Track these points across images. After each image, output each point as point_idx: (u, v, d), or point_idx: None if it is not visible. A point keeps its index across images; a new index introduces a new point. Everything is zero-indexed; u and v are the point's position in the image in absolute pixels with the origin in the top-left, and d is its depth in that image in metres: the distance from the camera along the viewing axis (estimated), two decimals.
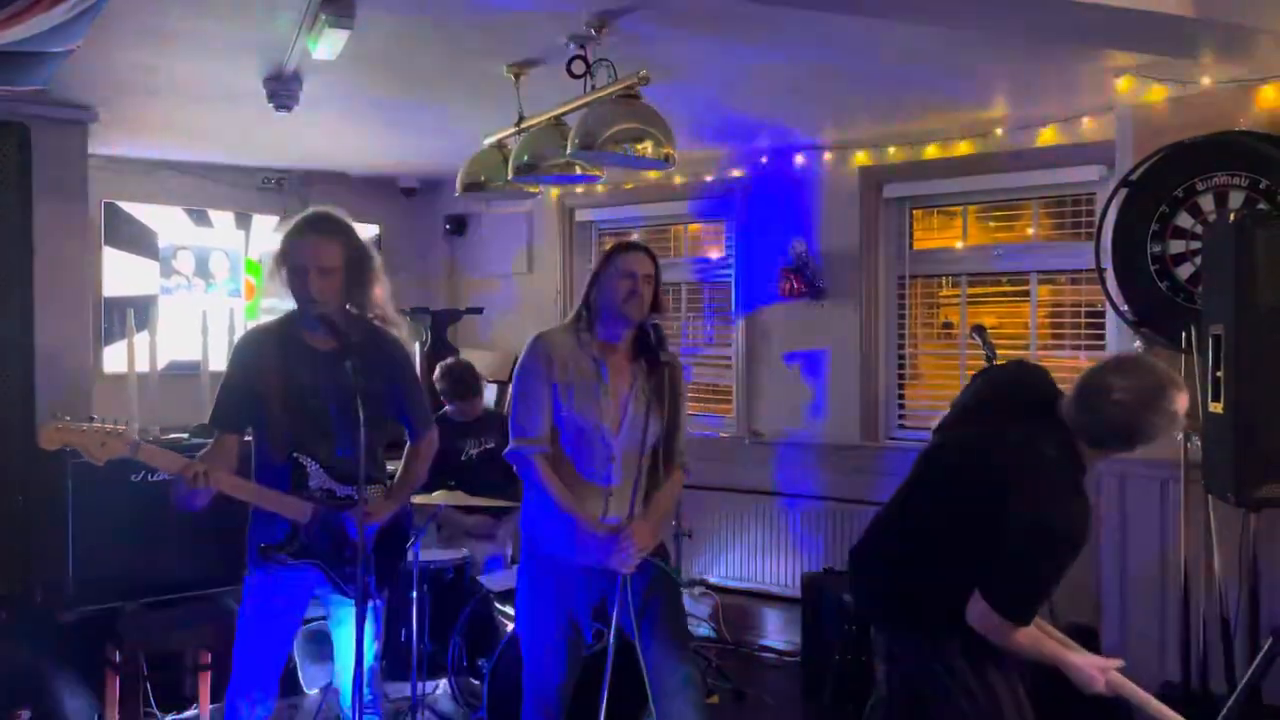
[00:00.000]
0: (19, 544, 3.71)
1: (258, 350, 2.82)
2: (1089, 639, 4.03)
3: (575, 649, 2.96)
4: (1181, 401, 2.37)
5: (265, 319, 2.98)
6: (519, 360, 2.94)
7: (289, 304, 2.84)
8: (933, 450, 2.66)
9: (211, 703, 4.19)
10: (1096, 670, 2.45)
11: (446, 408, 4.64)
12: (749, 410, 5.61)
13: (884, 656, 2.73)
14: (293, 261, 2.76)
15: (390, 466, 3.10)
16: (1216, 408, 3.10)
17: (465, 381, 4.63)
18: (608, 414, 2.86)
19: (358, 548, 2.68)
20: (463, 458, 4.51)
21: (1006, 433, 2.45)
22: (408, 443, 3.06)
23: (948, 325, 5.25)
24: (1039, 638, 2.47)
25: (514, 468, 2.92)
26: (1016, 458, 2.39)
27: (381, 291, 2.92)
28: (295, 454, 2.77)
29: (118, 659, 3.94)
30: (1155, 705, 2.46)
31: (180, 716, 4.23)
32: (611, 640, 2.79)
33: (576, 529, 2.82)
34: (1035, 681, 2.77)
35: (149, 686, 4.06)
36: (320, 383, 2.78)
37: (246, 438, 2.87)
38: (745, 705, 4.55)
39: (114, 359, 5.35)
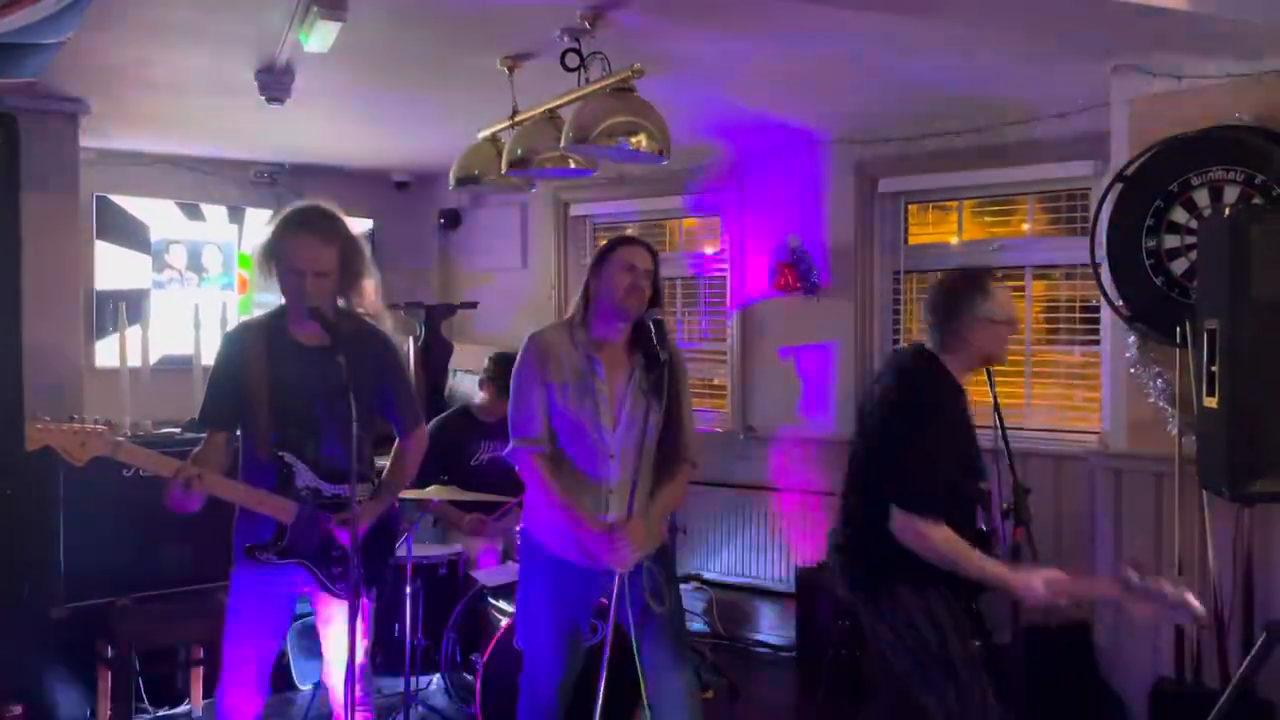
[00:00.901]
0: (9, 539, 3.70)
1: (243, 347, 2.80)
2: (1083, 633, 4.04)
3: (573, 648, 2.95)
4: (991, 281, 2.83)
5: (255, 313, 2.96)
6: (516, 361, 2.92)
7: (279, 297, 2.82)
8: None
9: (204, 698, 4.19)
10: (1035, 580, 2.52)
11: (475, 398, 4.55)
12: (744, 405, 5.61)
13: (870, 637, 2.85)
14: (289, 263, 2.73)
15: (380, 462, 3.08)
16: (1211, 402, 3.10)
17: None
18: (604, 411, 2.85)
19: (346, 547, 2.66)
20: (473, 461, 4.43)
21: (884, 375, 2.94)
22: (396, 440, 3.05)
23: None
24: (964, 547, 2.59)
25: (514, 468, 2.91)
26: (888, 381, 2.87)
27: (371, 286, 2.90)
28: (281, 452, 2.75)
29: (110, 654, 3.93)
30: (1100, 588, 2.60)
31: (172, 711, 4.22)
32: (608, 640, 2.77)
33: (574, 528, 2.81)
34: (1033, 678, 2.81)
35: (141, 681, 4.05)
36: (307, 380, 2.76)
37: (239, 433, 2.85)
38: (740, 700, 4.55)
39: (106, 353, 5.33)
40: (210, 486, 2.65)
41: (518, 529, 3.17)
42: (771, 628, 5.30)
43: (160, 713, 4.18)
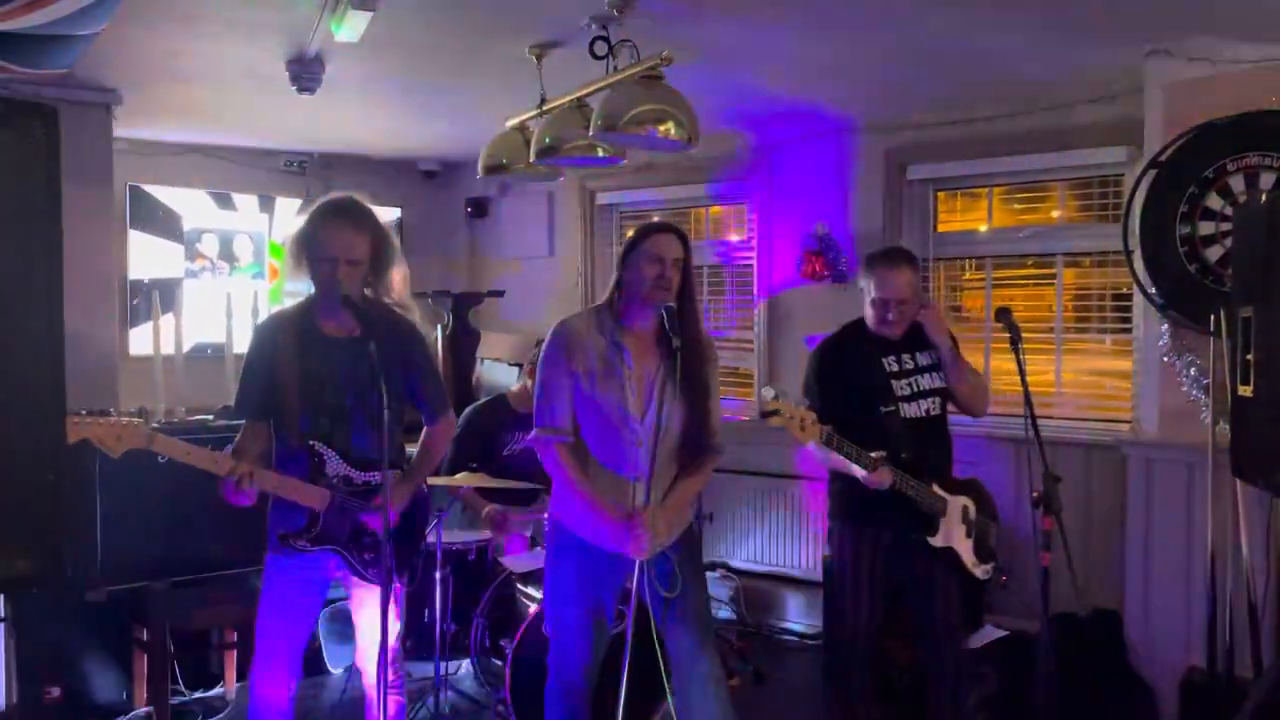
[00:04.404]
0: (48, 523, 3.75)
1: (274, 338, 2.83)
2: (1113, 623, 4.01)
3: (600, 631, 2.97)
4: (880, 262, 3.38)
5: (286, 303, 2.99)
6: (542, 349, 2.94)
7: (309, 287, 2.84)
8: None
9: (237, 681, 4.25)
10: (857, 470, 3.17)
11: (514, 386, 4.56)
12: None
13: None
14: (322, 251, 2.76)
15: (409, 450, 3.11)
16: (1246, 391, 3.06)
17: None
18: (632, 398, 2.85)
19: (377, 533, 2.69)
20: (505, 451, 4.46)
21: None
22: (424, 427, 3.08)
23: (956, 309, 5.20)
24: (823, 450, 3.19)
25: (537, 455, 2.93)
26: None
27: (399, 276, 2.93)
28: (312, 441, 2.78)
29: (145, 638, 3.99)
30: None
31: (207, 694, 4.29)
32: (630, 626, 2.79)
33: (596, 517, 2.83)
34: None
35: (176, 664, 4.12)
36: (336, 370, 2.79)
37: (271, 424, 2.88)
38: (766, 687, 4.56)
39: (139, 341, 5.40)
40: (259, 482, 2.68)
41: (543, 517, 3.18)
42: (798, 615, 5.30)
43: (195, 695, 4.25)
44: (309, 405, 2.77)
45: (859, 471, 3.13)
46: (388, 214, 5.88)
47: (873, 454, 3.11)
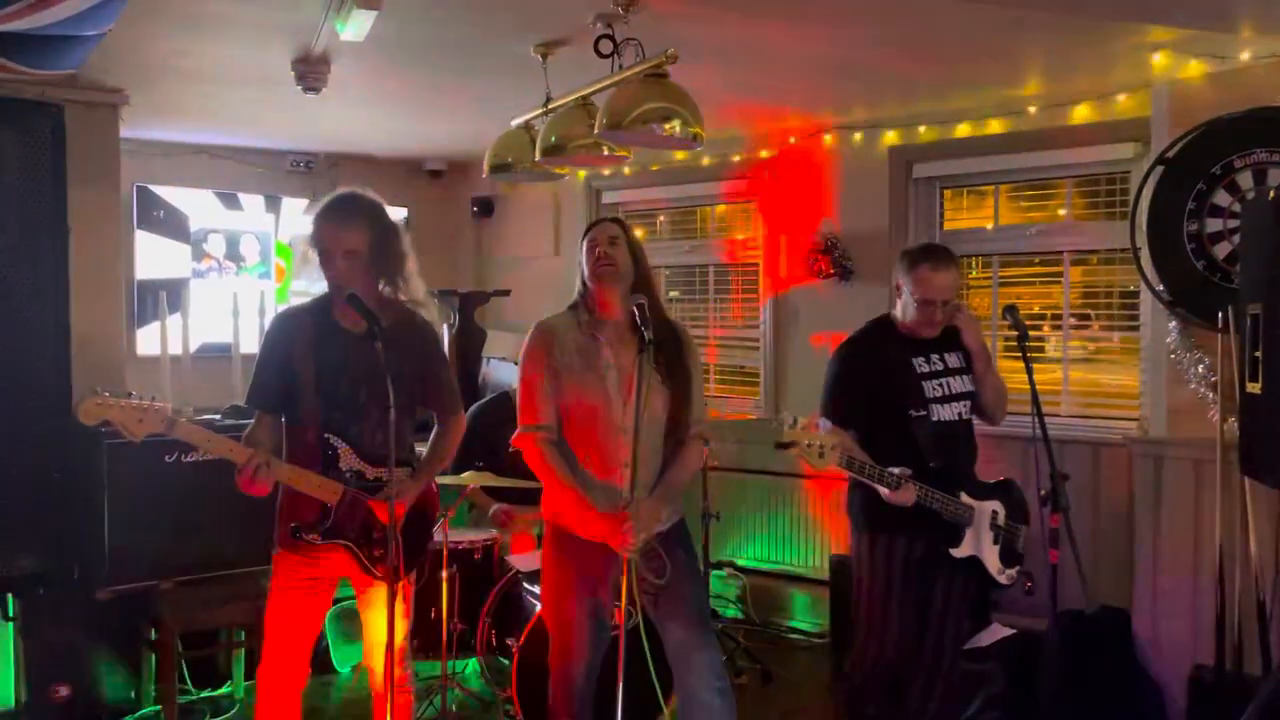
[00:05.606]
0: (56, 522, 3.77)
1: (290, 331, 2.84)
2: (1121, 621, 4.01)
3: (600, 627, 2.96)
4: (925, 260, 3.22)
5: (298, 300, 2.99)
6: (522, 349, 2.96)
7: (320, 286, 2.85)
8: None
9: (245, 680, 4.26)
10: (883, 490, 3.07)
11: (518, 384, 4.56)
12: (776, 392, 5.60)
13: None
14: (318, 245, 2.78)
15: (420, 449, 3.11)
16: (1254, 388, 3.05)
17: None
18: (613, 387, 2.86)
19: (386, 530, 2.69)
20: (511, 449, 4.46)
21: None
22: (435, 425, 3.08)
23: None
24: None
25: (521, 453, 2.94)
26: None
27: (412, 271, 2.93)
28: (326, 435, 2.78)
29: (153, 636, 4.01)
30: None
31: (215, 693, 4.30)
32: (622, 620, 2.78)
33: (581, 511, 2.83)
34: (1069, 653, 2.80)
35: (184, 663, 4.13)
36: (352, 365, 2.79)
37: (284, 417, 2.88)
38: (773, 686, 4.56)
39: (146, 341, 5.41)
40: (275, 472, 2.69)
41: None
42: (804, 614, 5.30)
43: (203, 694, 4.26)
44: (324, 398, 2.78)
45: (883, 490, 3.05)
46: (394, 214, 5.88)
47: (895, 471, 3.03)
